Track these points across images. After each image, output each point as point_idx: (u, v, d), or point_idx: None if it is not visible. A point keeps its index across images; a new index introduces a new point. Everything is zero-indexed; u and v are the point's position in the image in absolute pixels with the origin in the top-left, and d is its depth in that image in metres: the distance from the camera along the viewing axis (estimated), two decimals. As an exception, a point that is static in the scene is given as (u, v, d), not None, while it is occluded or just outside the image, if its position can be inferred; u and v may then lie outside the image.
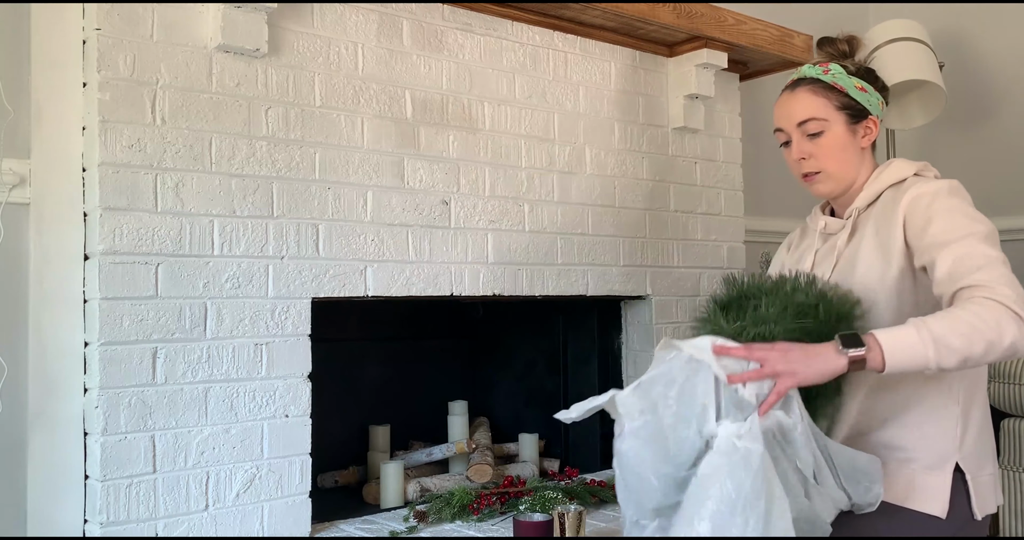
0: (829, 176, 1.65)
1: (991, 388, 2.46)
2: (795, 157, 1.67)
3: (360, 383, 2.58)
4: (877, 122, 1.66)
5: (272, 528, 1.89)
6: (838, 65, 1.66)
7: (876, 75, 1.69)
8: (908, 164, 1.65)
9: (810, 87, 1.66)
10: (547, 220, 2.37)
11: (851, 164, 1.65)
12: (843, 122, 1.64)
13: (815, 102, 1.64)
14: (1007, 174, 3.39)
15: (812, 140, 1.64)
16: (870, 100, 1.65)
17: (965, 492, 1.51)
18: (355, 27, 2.06)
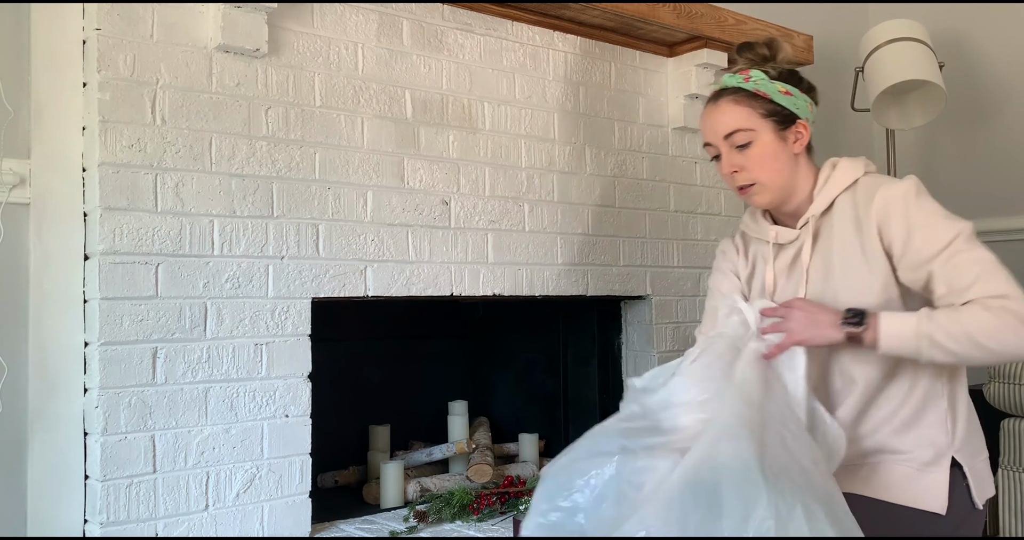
0: (764, 187, 1.59)
1: (991, 388, 2.46)
2: (726, 171, 1.60)
3: (360, 383, 2.58)
4: (807, 125, 1.60)
5: (272, 528, 1.89)
6: (759, 71, 1.58)
7: (800, 76, 1.63)
8: (854, 163, 1.60)
9: (732, 97, 1.58)
10: (547, 220, 2.37)
11: (785, 172, 1.59)
12: (771, 130, 1.57)
13: (739, 112, 1.57)
14: (1007, 174, 3.40)
15: (741, 152, 1.57)
16: (797, 103, 1.58)
17: (964, 483, 1.50)
18: (355, 27, 2.06)
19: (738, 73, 1.60)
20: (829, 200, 1.57)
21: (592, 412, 2.65)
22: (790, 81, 1.60)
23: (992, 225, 3.42)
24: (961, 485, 1.49)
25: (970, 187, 3.49)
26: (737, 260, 1.73)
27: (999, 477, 2.47)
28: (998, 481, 2.48)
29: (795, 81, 1.61)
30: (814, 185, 1.60)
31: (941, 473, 1.49)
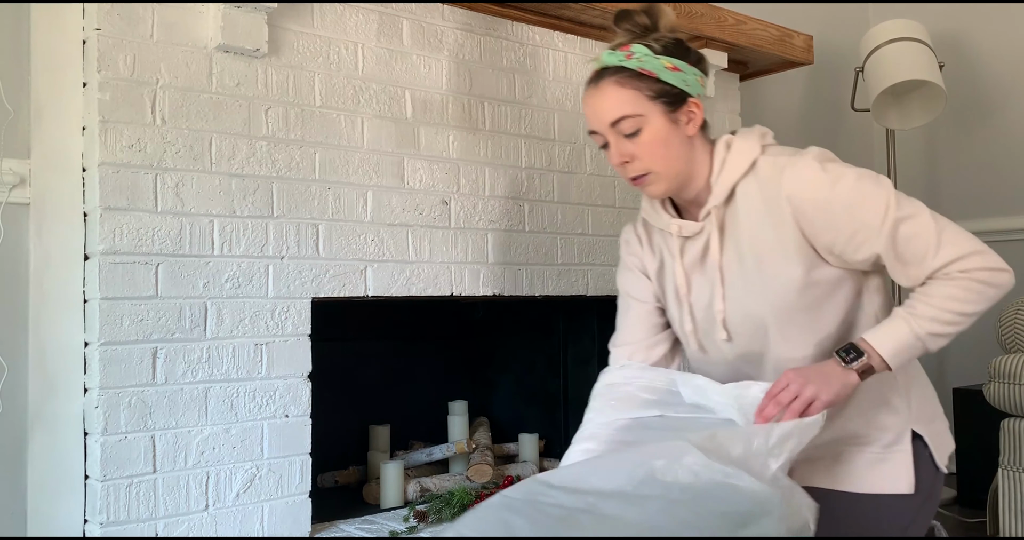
0: (659, 176, 1.43)
1: (991, 388, 2.46)
2: (615, 161, 1.44)
3: (360, 383, 2.58)
4: (699, 103, 1.45)
5: (272, 528, 1.89)
6: (641, 45, 1.41)
7: (687, 47, 1.45)
8: (749, 141, 1.46)
9: (615, 79, 1.41)
10: (547, 220, 2.37)
11: (681, 158, 1.43)
12: (661, 113, 1.40)
13: (624, 96, 1.40)
14: (1007, 174, 3.40)
15: (631, 140, 1.41)
16: (686, 79, 1.42)
17: (927, 452, 1.45)
18: (355, 27, 2.06)
19: (618, 49, 1.43)
20: (729, 187, 1.43)
21: (592, 412, 2.64)
22: (677, 54, 1.42)
23: (992, 225, 3.42)
24: (924, 455, 1.45)
25: (970, 187, 3.49)
26: (642, 253, 1.59)
27: (999, 477, 2.47)
28: (998, 481, 2.48)
29: (682, 53, 1.44)
30: (711, 169, 1.46)
31: (904, 452, 1.43)
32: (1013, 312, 2.49)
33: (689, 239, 1.50)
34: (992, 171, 3.43)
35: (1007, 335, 2.49)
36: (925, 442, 1.45)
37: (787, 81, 3.38)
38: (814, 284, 1.40)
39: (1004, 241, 3.40)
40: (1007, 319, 2.50)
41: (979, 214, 3.46)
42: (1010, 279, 1.36)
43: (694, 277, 1.50)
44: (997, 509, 2.52)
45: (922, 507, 1.45)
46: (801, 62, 2.85)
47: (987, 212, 3.45)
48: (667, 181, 1.45)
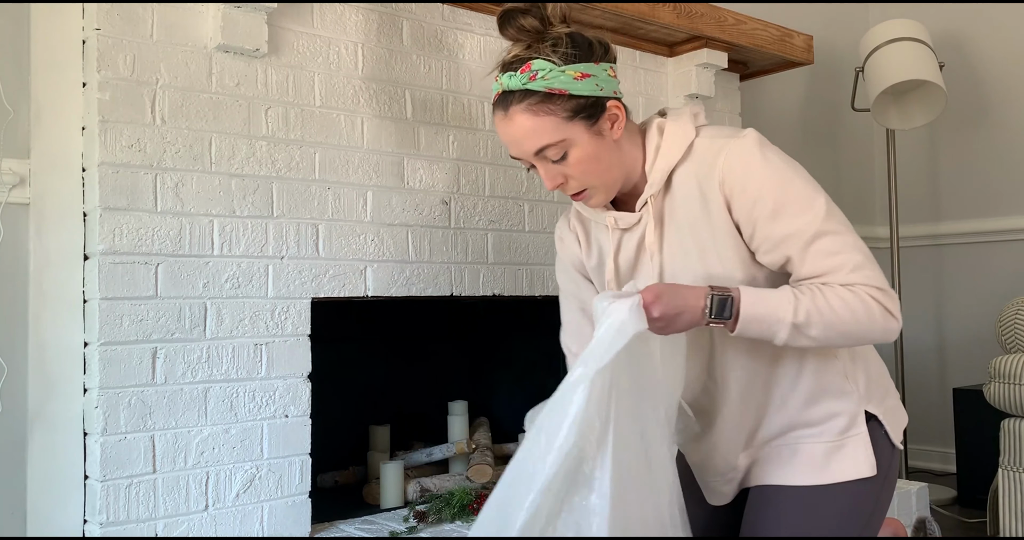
0: (597, 189, 1.35)
1: (991, 388, 2.46)
2: (550, 186, 1.34)
3: (360, 383, 2.58)
4: (618, 103, 1.33)
5: (272, 528, 1.89)
6: (541, 60, 1.27)
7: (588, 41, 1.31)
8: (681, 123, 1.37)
9: (525, 105, 1.28)
10: (547, 220, 2.37)
11: (615, 165, 1.35)
12: (583, 130, 1.30)
13: (540, 125, 1.28)
14: (1007, 174, 3.40)
15: (559, 164, 1.32)
16: (599, 83, 1.29)
17: (882, 431, 1.42)
18: (355, 27, 2.06)
19: (519, 71, 1.28)
20: (665, 174, 1.35)
21: (592, 412, 2.64)
22: (580, 57, 1.29)
23: (992, 225, 3.43)
24: (880, 434, 1.41)
25: (970, 187, 3.49)
26: (579, 251, 1.50)
27: (999, 477, 2.47)
28: (998, 481, 2.48)
29: (585, 53, 1.29)
30: (645, 158, 1.37)
31: (861, 435, 1.39)
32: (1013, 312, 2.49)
33: (627, 231, 1.41)
34: (992, 171, 3.43)
35: (1007, 335, 2.50)
36: (880, 421, 1.42)
37: (787, 81, 3.38)
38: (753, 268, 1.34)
39: (1004, 241, 3.40)
40: (1007, 319, 2.50)
41: (979, 214, 3.46)
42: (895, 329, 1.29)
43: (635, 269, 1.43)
44: (997, 509, 2.52)
45: (883, 487, 1.42)
46: (801, 62, 2.85)
47: (987, 212, 3.45)
48: (607, 190, 1.37)
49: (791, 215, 1.27)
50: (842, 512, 1.39)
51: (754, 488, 1.44)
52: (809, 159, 3.59)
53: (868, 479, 1.39)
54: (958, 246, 3.54)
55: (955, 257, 3.55)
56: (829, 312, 1.25)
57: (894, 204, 3.27)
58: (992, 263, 3.44)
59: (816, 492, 1.38)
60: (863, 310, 1.26)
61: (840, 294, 1.26)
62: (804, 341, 1.27)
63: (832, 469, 1.39)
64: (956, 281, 3.55)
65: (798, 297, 1.26)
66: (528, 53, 1.29)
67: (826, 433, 1.40)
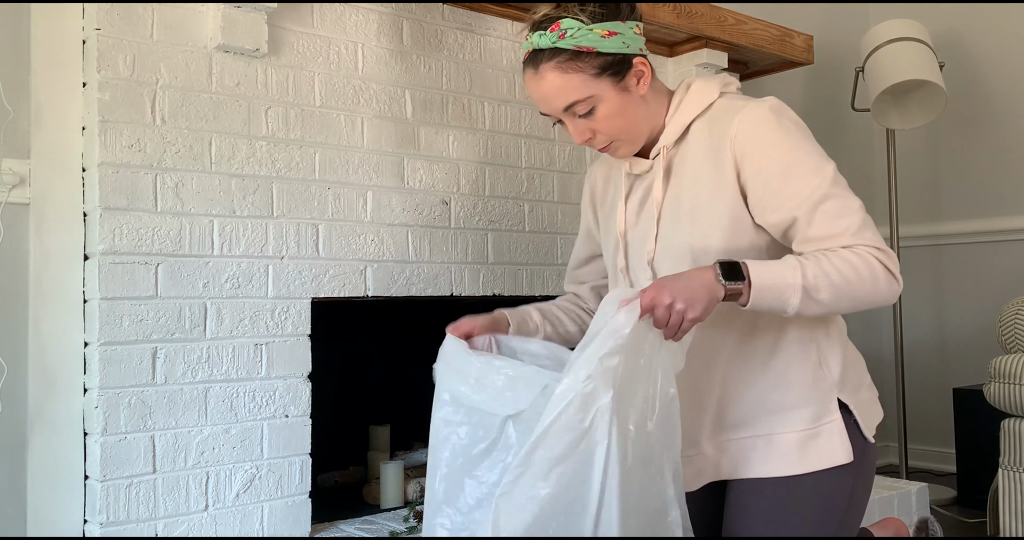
0: (624, 142, 1.41)
1: (991, 388, 2.46)
2: (579, 140, 1.41)
3: (360, 383, 2.58)
4: (644, 60, 1.37)
5: (272, 528, 1.89)
6: (571, 19, 1.32)
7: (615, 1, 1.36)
8: (709, 84, 1.42)
9: (554, 63, 1.33)
10: (547, 220, 2.37)
11: (641, 118, 1.40)
12: (610, 86, 1.35)
13: (569, 82, 1.34)
14: (1007, 174, 3.40)
15: (587, 118, 1.37)
16: (625, 41, 1.35)
17: (852, 420, 1.42)
18: (355, 27, 2.06)
19: (549, 30, 1.33)
20: (682, 127, 1.40)
21: (592, 412, 2.64)
22: (608, 16, 1.34)
23: (992, 225, 3.43)
24: (851, 423, 1.42)
25: (970, 187, 3.49)
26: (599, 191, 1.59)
27: (999, 477, 2.47)
28: (998, 481, 2.48)
29: (612, 12, 1.35)
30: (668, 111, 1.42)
31: (835, 422, 1.39)
32: (1013, 312, 2.49)
33: (639, 177, 1.47)
34: (992, 171, 3.43)
35: (1007, 335, 2.49)
36: (852, 412, 1.42)
37: (787, 81, 3.38)
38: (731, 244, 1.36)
39: (1004, 241, 3.40)
40: (1007, 319, 2.50)
41: (979, 214, 3.46)
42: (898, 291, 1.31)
43: (632, 218, 1.47)
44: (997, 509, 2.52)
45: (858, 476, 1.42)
46: (801, 62, 2.85)
47: (987, 212, 3.45)
48: (633, 143, 1.43)
49: (801, 176, 1.31)
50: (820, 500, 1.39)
51: (732, 482, 1.44)
52: (809, 159, 3.59)
53: (844, 466, 1.39)
54: (958, 246, 3.54)
55: (955, 257, 3.55)
56: (836, 274, 1.27)
57: (894, 204, 3.27)
58: (992, 263, 3.44)
59: (793, 482, 1.38)
60: (867, 271, 1.28)
61: (844, 256, 1.28)
62: (815, 308, 1.28)
63: (809, 458, 1.39)
64: (956, 281, 3.55)
65: (803, 263, 1.27)
66: (557, 12, 1.34)
67: (799, 422, 1.40)
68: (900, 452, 3.22)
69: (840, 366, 1.43)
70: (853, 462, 1.40)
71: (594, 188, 1.61)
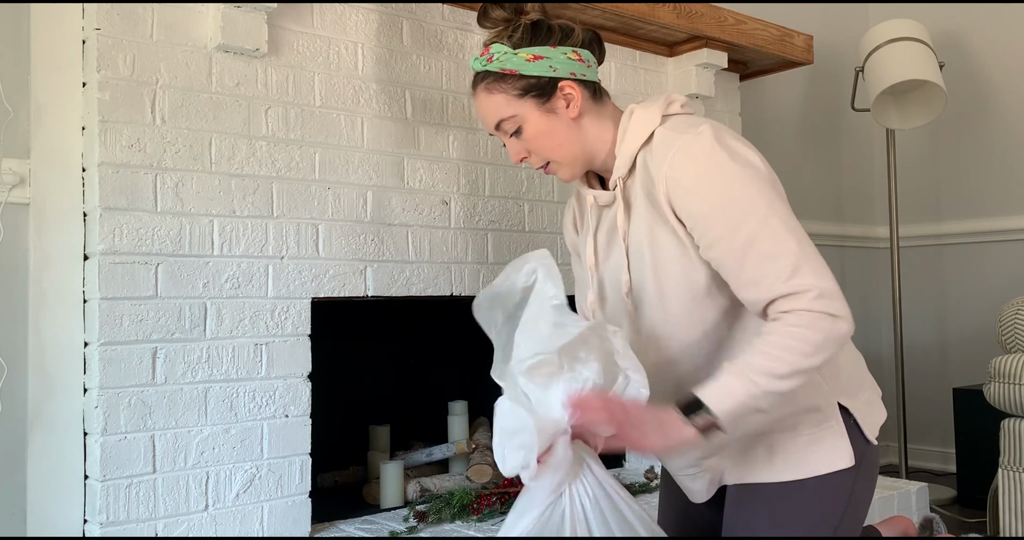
0: (560, 164, 1.44)
1: (991, 388, 2.46)
2: (515, 160, 1.46)
3: (360, 383, 2.58)
4: (574, 84, 1.40)
5: (272, 528, 1.89)
6: (499, 44, 1.39)
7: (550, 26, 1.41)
8: (649, 111, 1.41)
9: (484, 85, 1.42)
10: (547, 220, 2.37)
11: (572, 142, 1.42)
12: (533, 107, 1.40)
13: (494, 101, 1.41)
14: (1007, 174, 3.40)
15: (517, 138, 1.43)
16: (552, 65, 1.39)
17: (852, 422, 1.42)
18: (355, 27, 2.06)
19: (481, 55, 1.42)
20: (629, 159, 1.40)
21: (592, 412, 2.64)
22: (536, 41, 1.39)
23: (992, 225, 3.43)
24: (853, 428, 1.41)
25: (970, 187, 3.49)
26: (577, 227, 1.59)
27: (999, 477, 2.47)
28: (998, 481, 2.48)
29: (543, 37, 1.39)
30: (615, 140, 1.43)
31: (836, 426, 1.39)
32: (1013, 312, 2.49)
33: (606, 208, 1.47)
34: (992, 171, 3.44)
35: (1007, 335, 2.49)
36: (852, 415, 1.42)
37: (787, 81, 3.38)
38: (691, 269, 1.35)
39: (1004, 241, 3.40)
40: (1007, 319, 2.50)
41: (979, 214, 3.46)
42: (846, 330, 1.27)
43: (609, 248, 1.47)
44: (997, 509, 2.52)
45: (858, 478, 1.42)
46: (801, 62, 2.85)
47: (987, 212, 3.45)
48: (570, 166, 1.45)
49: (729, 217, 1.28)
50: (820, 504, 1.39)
51: (732, 487, 1.45)
52: (809, 159, 3.60)
53: (844, 470, 1.39)
54: (958, 246, 3.54)
55: (955, 257, 3.55)
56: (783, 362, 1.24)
57: (894, 204, 3.27)
58: (992, 263, 3.44)
59: (796, 488, 1.39)
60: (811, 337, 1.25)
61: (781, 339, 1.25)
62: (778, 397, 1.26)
63: (809, 463, 1.39)
64: (956, 281, 3.55)
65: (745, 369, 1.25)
66: (491, 38, 1.42)
67: (801, 427, 1.39)
68: (900, 452, 3.22)
69: (836, 371, 1.42)
70: (853, 465, 1.40)
71: (575, 220, 1.60)
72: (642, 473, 2.53)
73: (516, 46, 1.39)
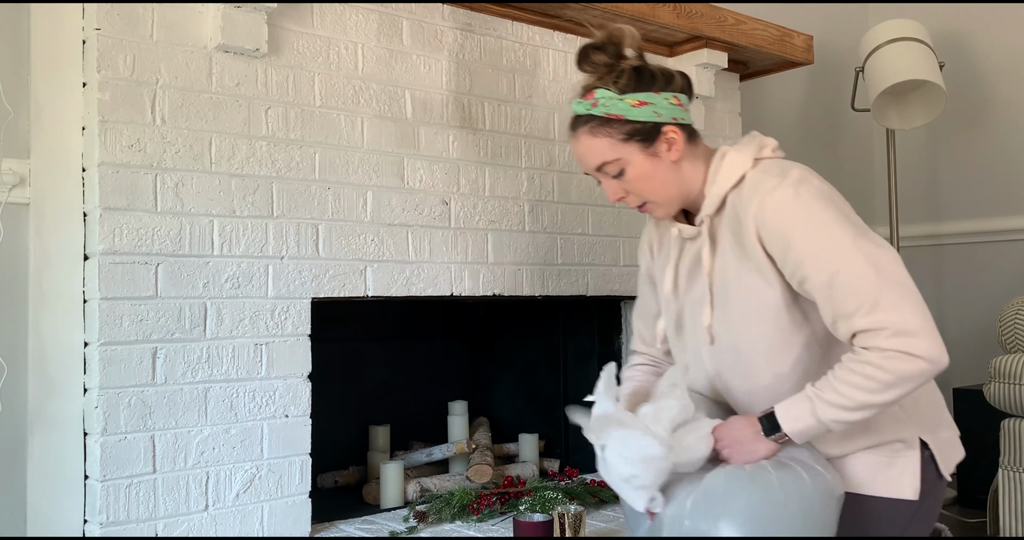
0: (657, 204, 1.51)
1: (991, 388, 2.46)
2: (612, 199, 1.53)
3: (360, 383, 2.58)
4: (676, 128, 1.47)
5: (272, 528, 1.89)
6: (604, 90, 1.45)
7: (652, 72, 1.47)
8: (742, 154, 1.47)
9: (587, 128, 1.47)
10: (547, 220, 2.37)
11: (671, 183, 1.49)
12: (637, 151, 1.46)
13: (598, 145, 1.46)
14: (1007, 174, 3.40)
15: (618, 179, 1.49)
16: (656, 110, 1.45)
17: (932, 460, 1.47)
18: (355, 27, 2.06)
19: (585, 98, 1.47)
20: (718, 199, 1.47)
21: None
22: (641, 87, 1.45)
23: (992, 225, 3.42)
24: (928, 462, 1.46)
25: (970, 187, 3.49)
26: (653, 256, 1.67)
27: (999, 477, 2.47)
28: (998, 481, 2.48)
29: (647, 83, 1.46)
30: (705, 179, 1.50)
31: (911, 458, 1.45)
32: (1013, 312, 2.49)
33: (689, 241, 1.55)
34: (992, 171, 3.43)
35: (1007, 335, 2.49)
36: (931, 450, 1.47)
37: (787, 81, 3.38)
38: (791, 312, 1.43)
39: (1004, 241, 3.40)
40: (1007, 319, 2.50)
41: (979, 214, 3.46)
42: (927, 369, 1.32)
43: (683, 283, 1.56)
44: (997, 509, 2.52)
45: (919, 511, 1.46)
46: (801, 62, 2.85)
47: (987, 212, 3.45)
48: (666, 205, 1.52)
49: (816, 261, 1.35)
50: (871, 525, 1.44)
51: None
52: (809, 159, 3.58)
53: (906, 501, 1.44)
54: (958, 246, 3.54)
55: (955, 257, 3.55)
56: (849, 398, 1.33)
57: (894, 204, 3.27)
58: (992, 263, 3.44)
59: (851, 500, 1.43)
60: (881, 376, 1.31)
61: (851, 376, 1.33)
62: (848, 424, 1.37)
63: (876, 483, 1.45)
64: (956, 281, 3.54)
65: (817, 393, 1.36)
66: (594, 83, 1.47)
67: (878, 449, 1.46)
68: (900, 452, 3.22)
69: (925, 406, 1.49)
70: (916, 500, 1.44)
71: (651, 244, 1.67)
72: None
73: (622, 92, 1.45)
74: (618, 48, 1.47)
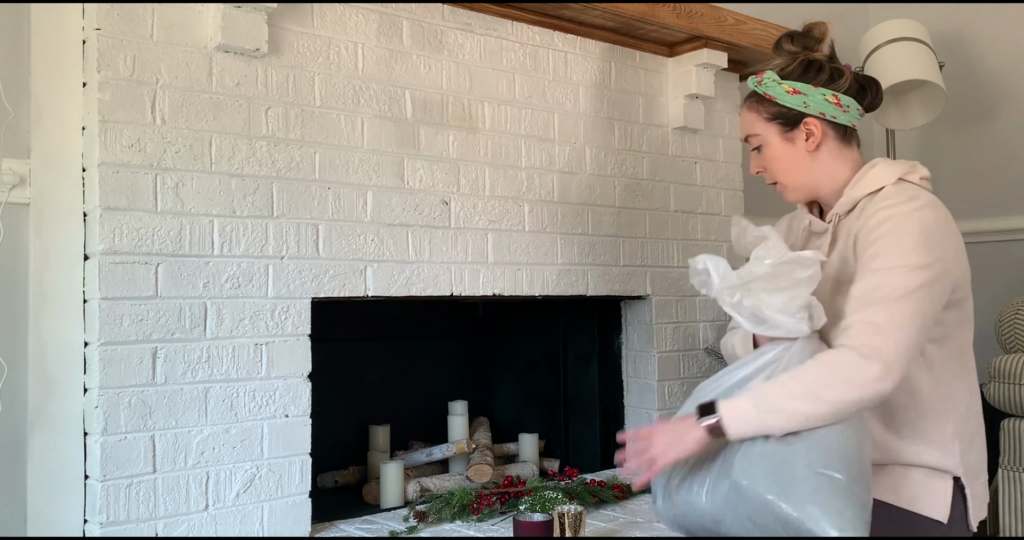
0: (785, 187, 1.63)
1: (991, 388, 2.46)
2: (752, 171, 1.67)
3: (360, 383, 2.58)
4: (818, 123, 1.56)
5: (272, 528, 1.89)
6: (772, 71, 1.60)
7: (821, 66, 1.58)
8: (891, 168, 1.55)
9: (749, 102, 1.64)
10: (547, 220, 2.37)
11: (801, 173, 1.60)
12: (776, 133, 1.59)
13: (748, 118, 1.63)
14: (1007, 174, 3.40)
15: (760, 154, 1.63)
16: (806, 101, 1.56)
17: (963, 501, 1.50)
18: (355, 27, 2.06)
19: (758, 75, 1.63)
20: (853, 201, 1.55)
21: (592, 412, 2.64)
22: (803, 78, 1.57)
23: (992, 225, 3.43)
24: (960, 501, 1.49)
25: (970, 187, 3.49)
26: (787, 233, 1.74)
27: (999, 477, 2.47)
28: (998, 481, 2.48)
29: (810, 76, 1.58)
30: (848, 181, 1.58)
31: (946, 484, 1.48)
32: (1013, 312, 2.49)
33: (816, 235, 1.64)
34: (992, 171, 3.43)
35: (1007, 335, 2.49)
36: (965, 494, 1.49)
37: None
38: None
39: (1004, 241, 3.40)
40: (1007, 319, 2.50)
41: (979, 214, 3.46)
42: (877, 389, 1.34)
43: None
44: (997, 509, 2.52)
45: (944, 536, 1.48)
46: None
47: (987, 212, 3.45)
48: (794, 191, 1.62)
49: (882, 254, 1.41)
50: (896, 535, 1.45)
51: None
52: (809, 159, 3.59)
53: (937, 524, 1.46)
54: (958, 246, 3.53)
55: (955, 257, 3.55)
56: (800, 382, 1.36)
57: (894, 204, 3.26)
58: (992, 263, 3.43)
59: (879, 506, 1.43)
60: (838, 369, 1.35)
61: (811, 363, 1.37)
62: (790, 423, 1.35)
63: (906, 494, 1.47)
64: (956, 281, 3.54)
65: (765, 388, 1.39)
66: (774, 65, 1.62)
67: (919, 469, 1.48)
68: (900, 452, 3.22)
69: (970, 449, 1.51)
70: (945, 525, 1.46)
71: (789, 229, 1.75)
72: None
73: (784, 77, 1.58)
74: (809, 41, 1.60)
